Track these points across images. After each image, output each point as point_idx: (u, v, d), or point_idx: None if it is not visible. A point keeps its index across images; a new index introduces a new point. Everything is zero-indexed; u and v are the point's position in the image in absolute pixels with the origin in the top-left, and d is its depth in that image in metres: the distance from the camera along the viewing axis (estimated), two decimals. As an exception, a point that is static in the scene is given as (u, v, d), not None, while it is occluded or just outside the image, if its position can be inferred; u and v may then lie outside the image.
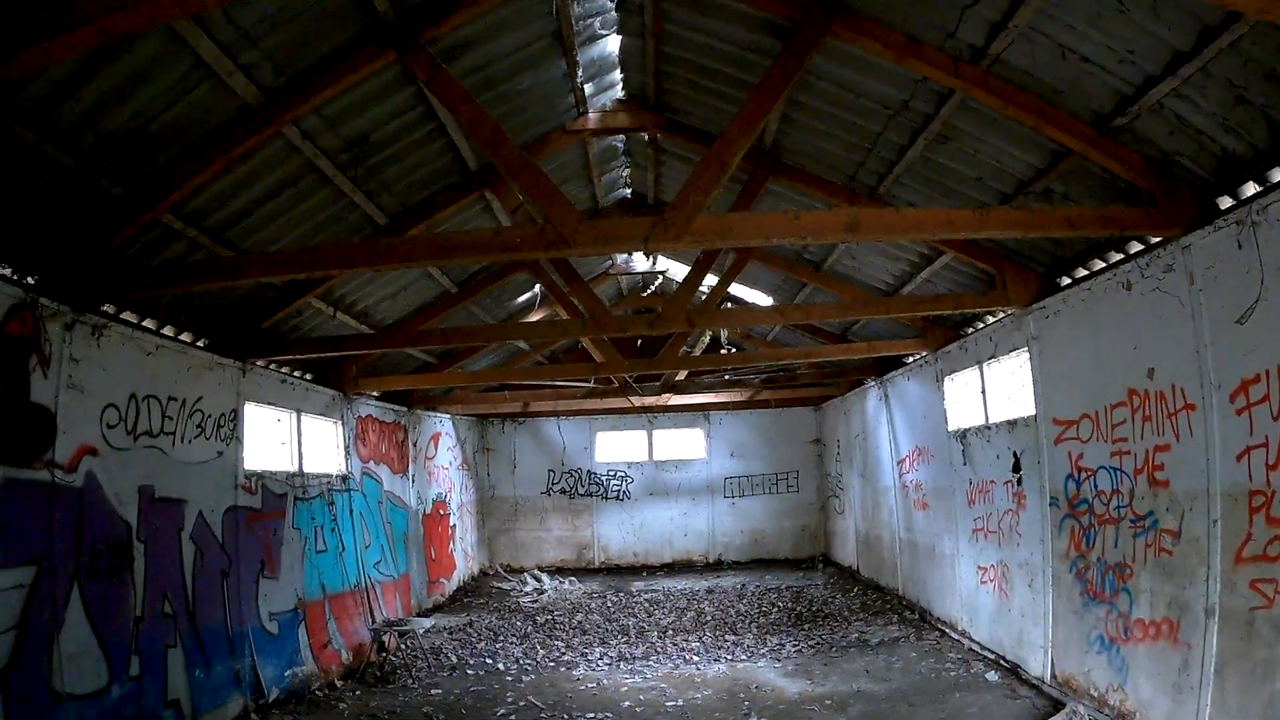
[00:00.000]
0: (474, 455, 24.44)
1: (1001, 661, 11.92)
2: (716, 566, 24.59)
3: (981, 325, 12.89)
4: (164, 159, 7.91)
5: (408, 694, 12.13)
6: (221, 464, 11.05)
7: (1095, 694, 9.46)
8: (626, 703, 11.37)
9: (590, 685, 12.33)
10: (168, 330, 10.23)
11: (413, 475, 18.40)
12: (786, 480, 25.26)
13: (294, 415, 13.28)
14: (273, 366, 12.71)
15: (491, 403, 21.00)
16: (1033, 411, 11.07)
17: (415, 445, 18.71)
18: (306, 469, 13.40)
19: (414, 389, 17.92)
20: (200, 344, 10.85)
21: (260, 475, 11.94)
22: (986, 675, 11.59)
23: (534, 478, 25.34)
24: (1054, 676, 10.47)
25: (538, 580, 22.07)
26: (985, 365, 12.80)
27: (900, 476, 17.07)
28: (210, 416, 10.83)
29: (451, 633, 16.09)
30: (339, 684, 12.58)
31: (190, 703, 9.76)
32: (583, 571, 24.31)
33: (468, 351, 17.54)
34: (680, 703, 11.28)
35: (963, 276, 12.26)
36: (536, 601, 19.76)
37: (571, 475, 25.30)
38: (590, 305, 12.14)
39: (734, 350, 20.04)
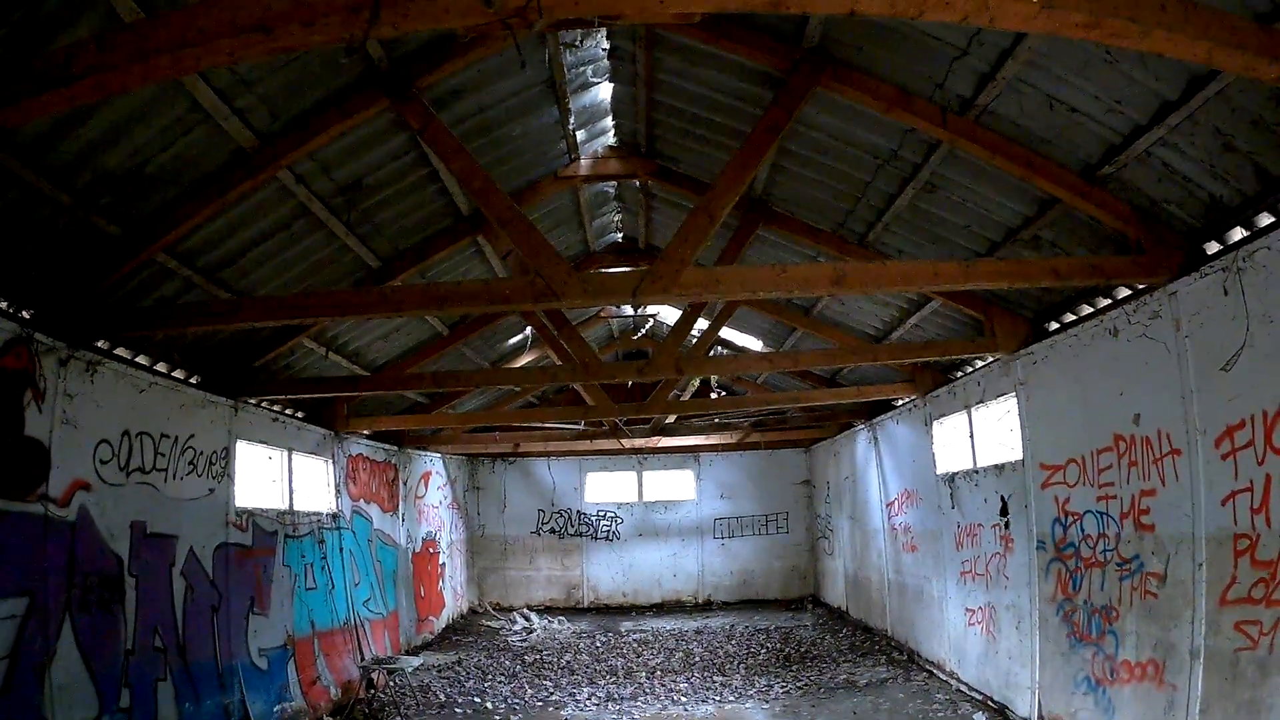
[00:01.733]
0: (464, 494, 24.47)
1: (989, 702, 11.94)
2: (706, 607, 24.55)
3: (970, 370, 13.00)
4: (159, 199, 7.99)
5: (396, 733, 12.16)
6: (213, 501, 11.11)
7: (1081, 735, 9.50)
8: (614, 743, 11.40)
9: (578, 726, 12.34)
10: (160, 367, 10.30)
11: (403, 514, 18.44)
12: (776, 521, 25.30)
13: (285, 453, 13.35)
14: (264, 405, 12.77)
15: (482, 443, 21.01)
16: (1020, 456, 11.16)
17: (406, 484, 18.77)
18: (297, 507, 13.45)
19: (405, 429, 17.96)
20: (193, 381, 10.93)
21: (251, 513, 11.99)
22: (974, 716, 11.61)
23: (524, 517, 25.36)
24: (1041, 717, 10.49)
25: (527, 619, 22.04)
26: (973, 409, 12.90)
27: (889, 519, 17.14)
28: (202, 454, 10.89)
29: (440, 670, 16.06)
30: (327, 721, 12.58)
31: None
32: (572, 611, 24.27)
33: (459, 392, 17.59)
34: (668, 744, 11.31)
35: (951, 322, 12.38)
36: (525, 640, 19.73)
37: (561, 515, 25.34)
38: (580, 352, 12.24)
39: (724, 394, 20.21)
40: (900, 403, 16.14)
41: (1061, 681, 10.06)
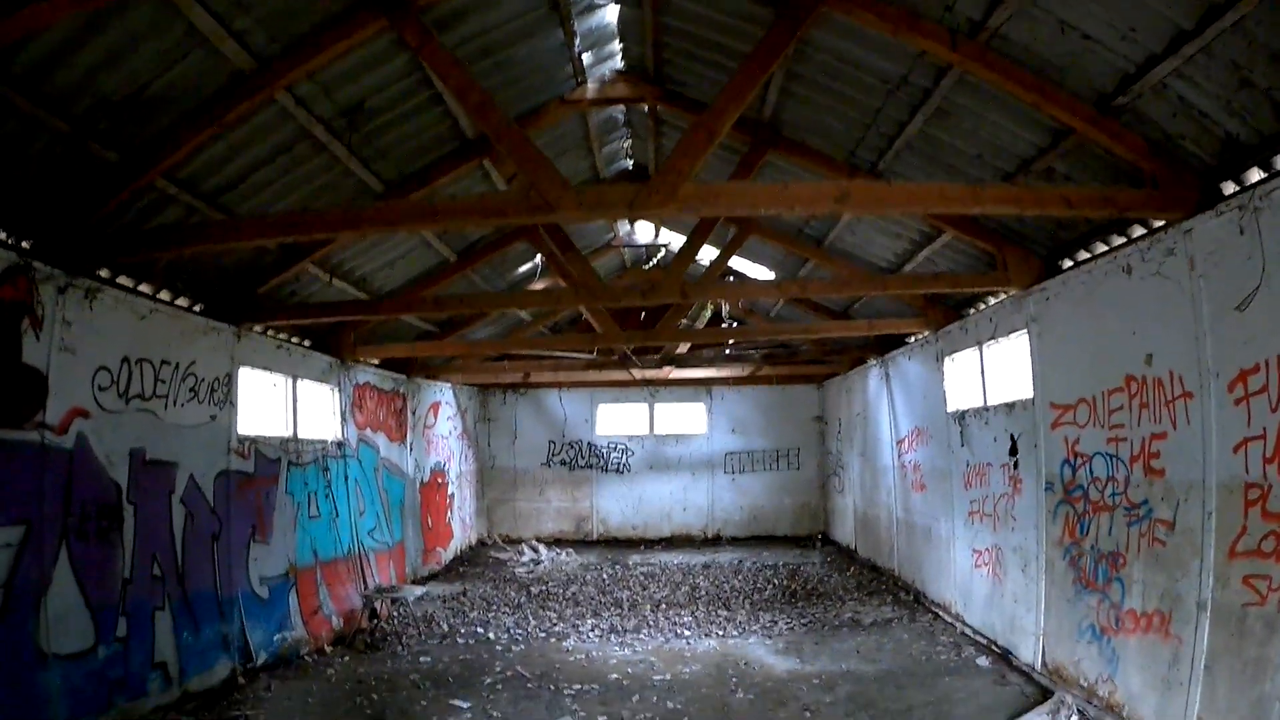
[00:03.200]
0: (474, 425, 24.43)
1: (993, 647, 11.84)
2: (715, 542, 24.55)
3: (982, 306, 12.74)
4: (157, 125, 7.90)
5: (396, 661, 12.13)
6: (214, 428, 11.02)
7: (1085, 684, 9.36)
8: (614, 675, 11.34)
9: (579, 657, 12.32)
10: (163, 295, 10.19)
11: (411, 444, 18.37)
12: (787, 457, 25.17)
13: (290, 381, 13.22)
14: (269, 332, 12.65)
15: (492, 372, 20.94)
16: (1031, 394, 10.94)
17: (414, 414, 18.67)
18: (301, 435, 13.36)
19: (414, 357, 17.82)
20: (196, 309, 10.81)
21: (254, 440, 11.89)
22: (977, 660, 11.52)
23: (534, 449, 25.31)
24: (1044, 664, 10.38)
25: (535, 551, 22.08)
26: (985, 346, 12.65)
27: (899, 457, 16.96)
28: (204, 380, 10.79)
29: (445, 601, 16.09)
30: (328, 650, 12.58)
31: (177, 665, 9.78)
32: (581, 544, 24.31)
33: (468, 321, 17.45)
34: (668, 677, 11.25)
35: (963, 256, 12.12)
36: (532, 572, 19.78)
37: (572, 447, 25.29)
38: (584, 275, 11.99)
39: (734, 325, 19.92)
40: (912, 339, 15.90)
41: (1066, 629, 9.93)
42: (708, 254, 16.36)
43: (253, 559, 11.65)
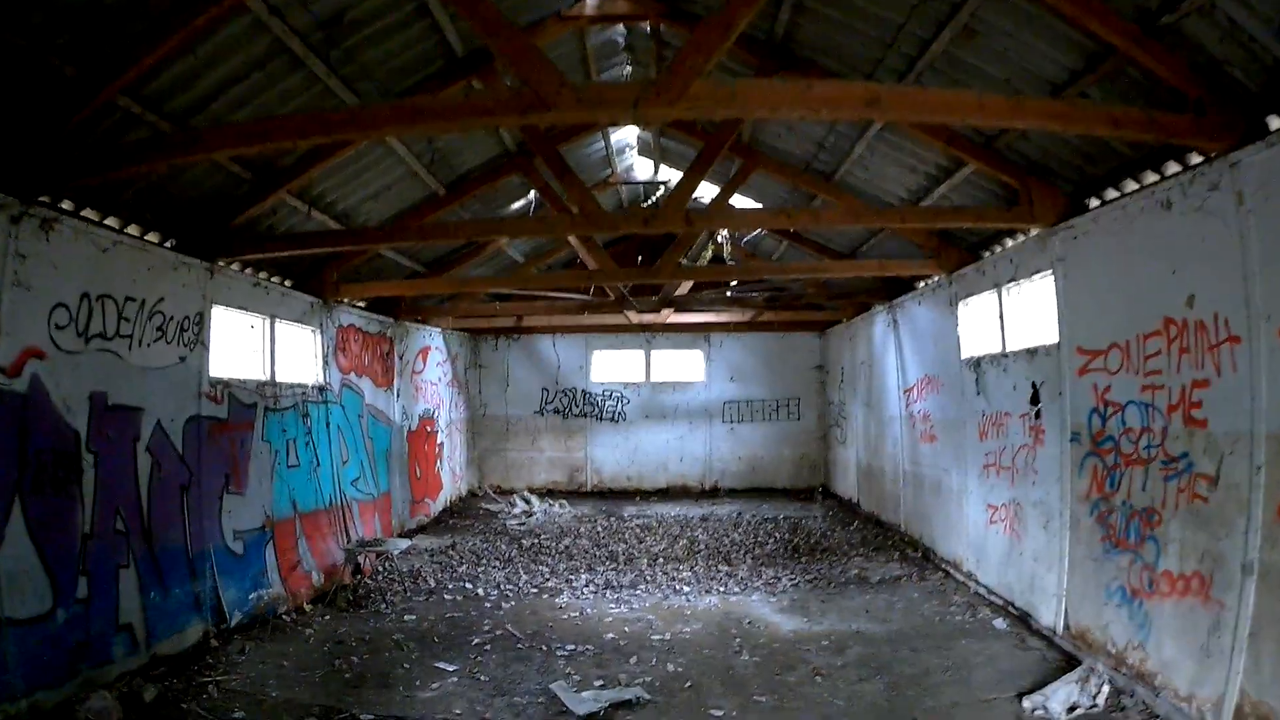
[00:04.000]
0: (465, 372, 23.66)
1: (1010, 608, 11.23)
2: (712, 493, 23.95)
3: (1000, 248, 12.03)
4: (119, 35, 7.14)
5: (380, 619, 11.54)
6: (184, 370, 10.25)
7: (1112, 650, 8.75)
8: (609, 635, 10.78)
9: (573, 614, 11.76)
10: (131, 229, 9.48)
11: (398, 390, 17.60)
12: (788, 407, 24.50)
13: (267, 321, 12.43)
14: (246, 270, 11.85)
15: (484, 316, 20.17)
16: (1055, 339, 10.24)
17: (402, 359, 17.90)
18: (280, 378, 12.59)
19: (401, 297, 17.01)
20: (168, 244, 10.08)
21: (227, 383, 11.14)
22: (994, 622, 10.93)
23: (527, 396, 24.60)
24: (1067, 628, 9.76)
25: (527, 502, 21.46)
26: (1004, 289, 11.93)
27: (907, 406, 16.30)
28: (172, 319, 10.02)
29: (432, 555, 15.48)
30: (308, 608, 11.96)
31: (144, 627, 9.13)
32: (574, 494, 23.66)
33: (458, 261, 16.65)
34: (667, 636, 10.68)
35: (983, 193, 11.37)
36: (524, 524, 19.17)
37: (566, 395, 24.57)
38: (582, 200, 11.05)
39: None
40: (923, 284, 15.18)
41: (1092, 590, 9.29)
42: (708, 191, 15.62)
43: (226, 511, 10.93)
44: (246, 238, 11.08)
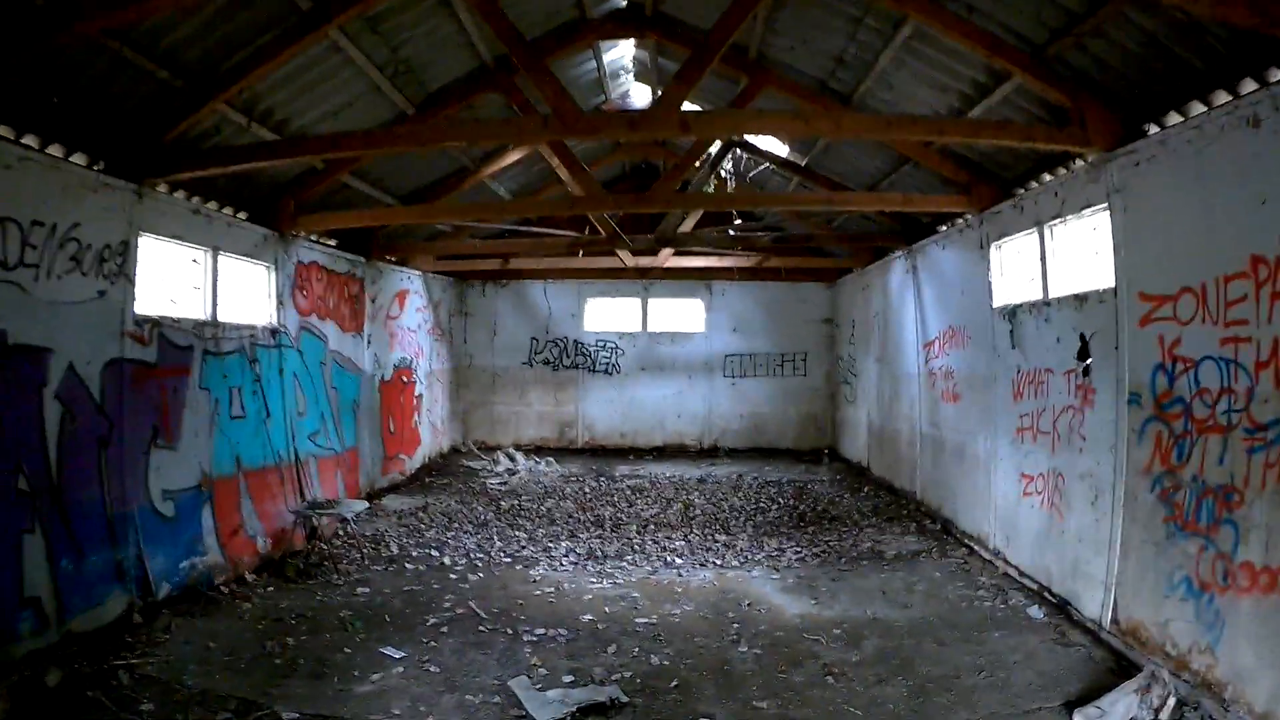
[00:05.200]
0: (449, 320, 22.07)
1: (1046, 594, 9.85)
2: (712, 453, 22.50)
3: (1036, 184, 10.58)
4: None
5: (329, 592, 10.18)
6: (103, 306, 8.79)
7: (1172, 652, 7.40)
8: (587, 616, 9.45)
9: (547, 590, 10.42)
10: (55, 150, 8.17)
11: (369, 336, 16.03)
12: (793, 362, 22.98)
13: (209, 254, 10.90)
14: (184, 195, 10.31)
15: (465, 254, 18.50)
16: (1110, 284, 8.73)
17: (375, 302, 16.30)
18: (223, 318, 11.07)
19: (375, 233, 15.40)
20: (96, 167, 8.74)
21: (157, 322, 9.63)
22: (1028, 610, 9.54)
23: (515, 346, 23.08)
24: (1115, 622, 8.37)
25: (511, 460, 20.02)
26: (1047, 227, 10.39)
27: (927, 362, 14.81)
28: (90, 248, 8.57)
29: (401, 517, 14.10)
30: (250, 578, 10.54)
31: (55, 601, 7.85)
32: (565, 452, 22.22)
33: (434, 197, 15.03)
34: (653, 619, 9.35)
35: (1025, 117, 9.81)
36: (505, 483, 17.75)
37: (556, 345, 23.02)
38: (556, 99, 9.24)
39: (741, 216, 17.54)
40: (946, 227, 13.66)
41: (1150, 579, 7.88)
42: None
43: (154, 468, 9.48)
44: (179, 155, 9.52)
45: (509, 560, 11.69)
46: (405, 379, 18.23)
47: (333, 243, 14.50)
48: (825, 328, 22.92)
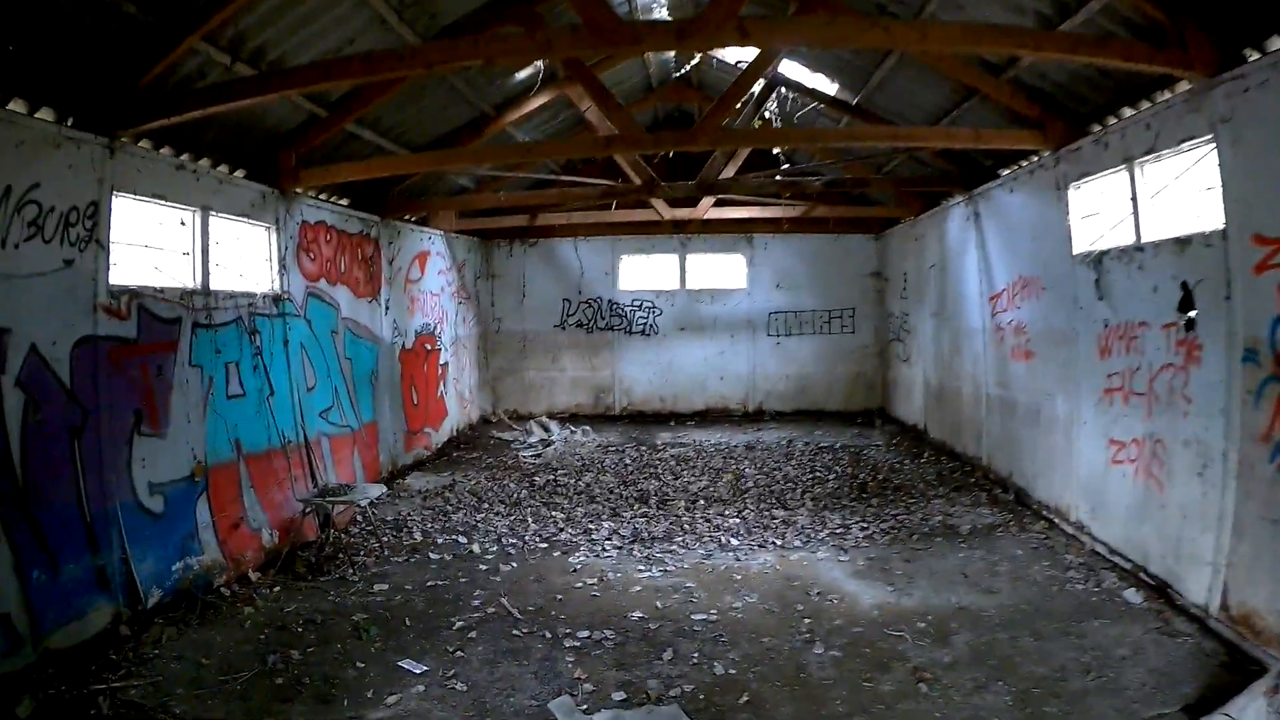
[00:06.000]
0: (475, 282, 20.90)
1: (1142, 574, 8.69)
2: (757, 417, 21.27)
3: (1115, 120, 9.37)
4: None
5: (343, 590, 9.11)
6: (71, 278, 7.66)
7: (1293, 643, 6.33)
8: (637, 613, 8.34)
9: (590, 581, 9.33)
10: (16, 105, 7.15)
11: (387, 301, 14.85)
12: (840, 319, 21.64)
13: (198, 214, 9.73)
14: (166, 150, 9.15)
15: (489, 210, 17.40)
16: (1219, 225, 7.55)
17: (392, 264, 15.11)
18: (215, 286, 9.91)
19: (389, 190, 14.19)
20: (67, 123, 7.66)
21: (136, 293, 8.49)
22: (1124, 593, 8.40)
23: (546, 308, 21.84)
24: (1225, 608, 7.34)
25: (545, 430, 18.92)
26: (1138, 164, 9.08)
27: (993, 317, 13.47)
28: (54, 211, 7.46)
29: (425, 498, 13.02)
30: (254, 576, 9.47)
31: (27, 616, 6.87)
32: (600, 419, 21.09)
33: (454, 144, 13.77)
34: (713, 615, 8.26)
35: (1111, 39, 8.42)
36: (540, 456, 16.64)
37: (590, 305, 21.75)
38: (589, 9, 7.81)
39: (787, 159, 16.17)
40: (1011, 169, 12.37)
41: (1267, 562, 6.91)
42: (749, 53, 12.72)
43: (138, 459, 8.38)
44: (155, 101, 8.33)
45: (545, 545, 10.61)
46: (428, 347, 17.06)
47: (344, 201, 13.32)
48: (873, 282, 21.55)
